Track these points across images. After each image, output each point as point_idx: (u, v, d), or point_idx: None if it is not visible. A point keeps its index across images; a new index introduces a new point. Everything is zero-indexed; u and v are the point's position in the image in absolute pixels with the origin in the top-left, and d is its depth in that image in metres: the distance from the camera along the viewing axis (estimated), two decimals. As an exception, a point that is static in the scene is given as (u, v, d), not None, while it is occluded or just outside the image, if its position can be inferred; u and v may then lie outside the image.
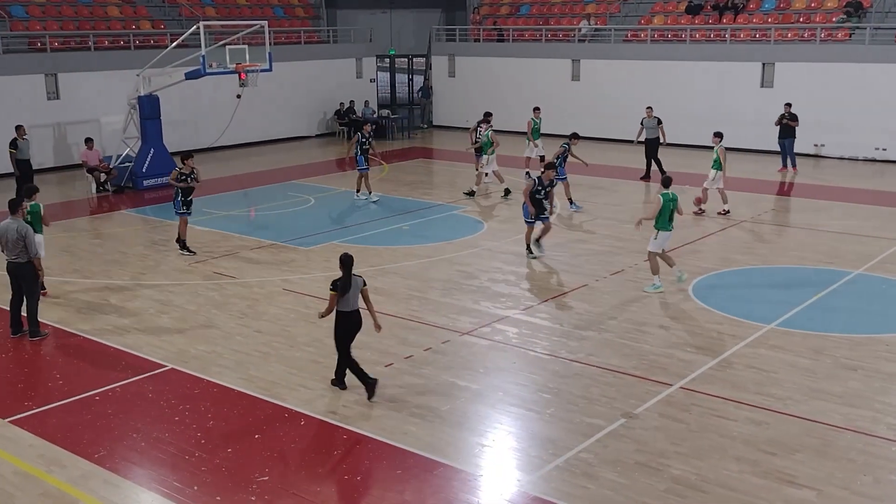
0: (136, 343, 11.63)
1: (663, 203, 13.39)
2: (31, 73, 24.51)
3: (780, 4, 28.54)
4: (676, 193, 13.66)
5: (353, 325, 9.77)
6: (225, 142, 26.92)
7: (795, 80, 25.84)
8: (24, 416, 9.52)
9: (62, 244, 16.80)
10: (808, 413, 9.36)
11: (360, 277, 9.77)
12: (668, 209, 13.42)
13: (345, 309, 9.68)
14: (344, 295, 9.60)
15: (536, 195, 14.98)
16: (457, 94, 33.52)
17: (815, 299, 13.12)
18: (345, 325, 9.74)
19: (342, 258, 9.69)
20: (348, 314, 9.71)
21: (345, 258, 9.67)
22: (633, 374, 10.44)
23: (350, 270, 9.61)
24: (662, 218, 13.45)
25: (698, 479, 8.06)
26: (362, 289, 9.74)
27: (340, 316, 9.72)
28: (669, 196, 13.45)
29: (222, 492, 7.94)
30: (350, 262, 9.64)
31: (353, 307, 9.72)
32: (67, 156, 25.16)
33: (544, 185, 15.06)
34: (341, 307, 9.68)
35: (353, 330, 9.80)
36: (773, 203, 20.14)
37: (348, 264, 9.61)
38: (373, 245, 16.46)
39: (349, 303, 9.68)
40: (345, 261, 9.64)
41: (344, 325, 9.75)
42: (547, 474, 8.20)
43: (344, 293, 9.59)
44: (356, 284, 9.66)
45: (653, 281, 13.60)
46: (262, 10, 33.02)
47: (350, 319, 9.73)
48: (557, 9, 33.57)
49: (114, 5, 29.04)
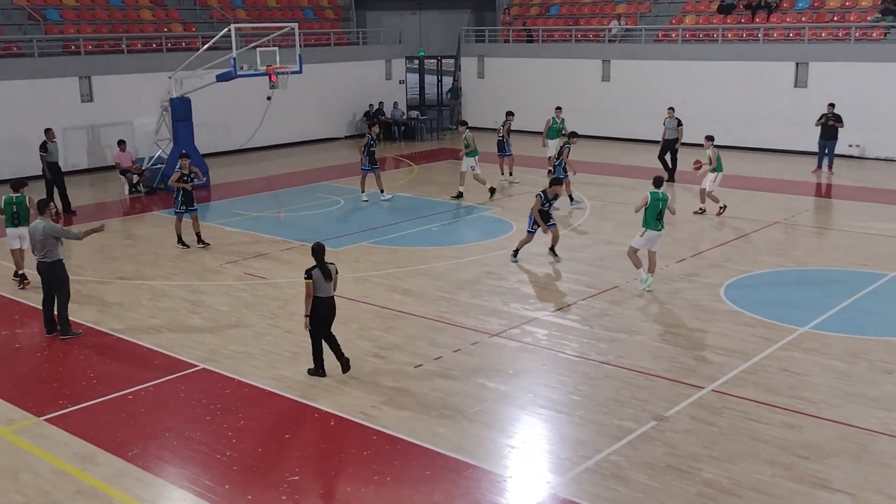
0: (169, 343, 11.74)
1: (650, 201, 13.30)
2: (65, 75, 24.85)
3: (815, 3, 28.19)
4: (667, 194, 13.58)
5: (328, 312, 10.22)
6: (255, 143, 27.11)
7: (830, 79, 25.50)
8: (59, 414, 9.65)
9: (95, 245, 16.98)
10: (842, 417, 9.24)
11: (332, 265, 10.21)
12: (654, 208, 13.30)
13: (321, 295, 10.09)
14: (328, 281, 10.06)
15: (543, 207, 15.08)
16: (486, 95, 33.48)
17: (850, 302, 12.94)
18: (322, 311, 10.15)
19: (314, 247, 10.18)
20: (324, 300, 10.13)
21: (316, 247, 10.17)
22: (664, 376, 10.37)
23: (322, 258, 10.09)
24: (649, 216, 13.35)
25: (730, 482, 7.98)
26: (335, 276, 10.20)
27: (317, 302, 10.11)
28: (658, 195, 13.34)
29: (253, 491, 8.00)
30: (322, 250, 10.14)
31: (328, 293, 10.15)
32: (100, 158, 25.47)
33: (550, 199, 15.16)
34: (318, 293, 10.06)
35: (329, 316, 10.25)
36: (807, 204, 19.89)
37: (321, 253, 10.10)
38: (402, 246, 16.49)
39: (327, 289, 10.10)
40: (317, 250, 10.14)
41: (321, 312, 10.15)
42: (577, 476, 8.16)
43: (328, 278, 10.04)
44: (328, 273, 10.12)
45: (639, 276, 13.57)
46: (293, 13, 33.22)
47: (326, 305, 10.17)
48: (587, 9, 33.43)
49: (146, 8, 29.37)
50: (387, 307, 12.98)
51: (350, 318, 12.48)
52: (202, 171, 22.64)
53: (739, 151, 26.93)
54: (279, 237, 17.27)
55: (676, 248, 16.09)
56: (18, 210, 14.22)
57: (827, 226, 18.47)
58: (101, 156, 25.49)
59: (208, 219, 19.44)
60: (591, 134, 30.08)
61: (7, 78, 23.62)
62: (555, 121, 23.10)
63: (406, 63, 34.64)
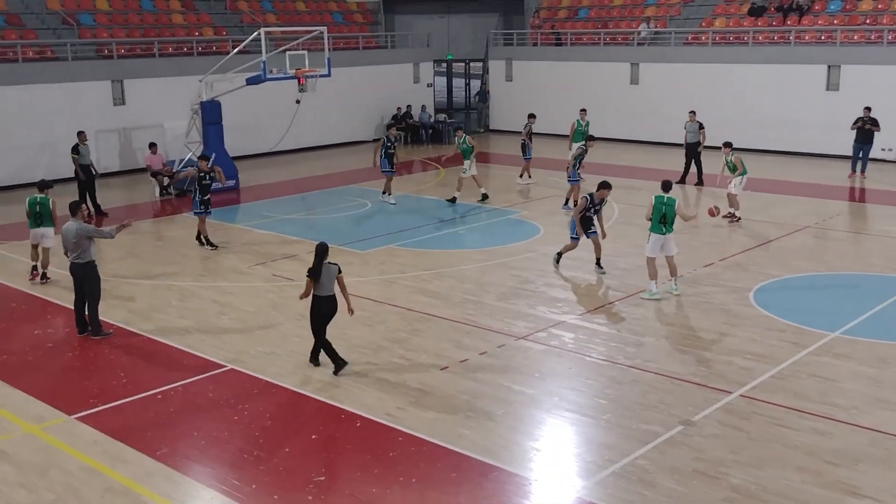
0: (197, 343, 11.85)
1: (654, 205, 13.31)
2: (98, 79, 25.19)
3: (847, 6, 27.89)
4: (674, 198, 13.41)
5: (326, 309, 10.50)
6: (284, 146, 27.30)
7: (862, 82, 25.20)
8: (89, 412, 9.78)
9: (126, 246, 17.20)
10: (873, 423, 9.12)
11: (335, 265, 10.50)
12: (658, 212, 13.25)
13: (318, 293, 10.43)
14: (317, 281, 10.33)
15: (587, 213, 14.54)
16: (514, 99, 33.44)
17: (881, 307, 12.77)
18: (317, 308, 10.48)
19: (316, 247, 10.50)
20: (320, 298, 10.45)
21: (318, 247, 10.48)
22: (692, 381, 10.29)
23: (322, 259, 10.36)
24: (653, 220, 13.33)
25: (758, 488, 7.91)
26: (337, 276, 10.45)
27: (314, 299, 10.47)
28: (663, 199, 13.29)
29: (279, 491, 8.05)
30: (322, 250, 10.41)
31: (326, 292, 10.44)
32: (132, 160, 25.77)
33: (596, 203, 14.49)
34: (316, 292, 10.43)
35: (325, 313, 10.52)
36: (839, 208, 19.65)
37: (320, 253, 10.39)
38: (429, 249, 16.52)
39: (323, 288, 10.40)
40: (317, 250, 10.45)
41: (316, 308, 10.48)
42: (603, 480, 8.13)
43: (316, 279, 10.32)
44: (330, 272, 10.40)
45: (649, 288, 13.39)
46: (322, 16, 33.43)
47: (322, 303, 10.45)
48: (616, 12, 33.30)
49: (178, 13, 29.69)
50: (413, 309, 13.01)
51: (376, 320, 12.53)
52: (231, 173, 22.93)
53: (770, 155, 26.70)
54: (307, 239, 17.36)
55: (705, 252, 15.97)
56: (41, 210, 14.54)
57: (859, 230, 18.24)
58: (132, 158, 25.79)
59: (238, 220, 19.64)
60: (619, 137, 30.02)
61: (41, 81, 23.99)
62: (579, 123, 23.00)
63: (434, 66, 34.71)
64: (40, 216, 14.57)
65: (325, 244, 10.56)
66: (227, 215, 20.15)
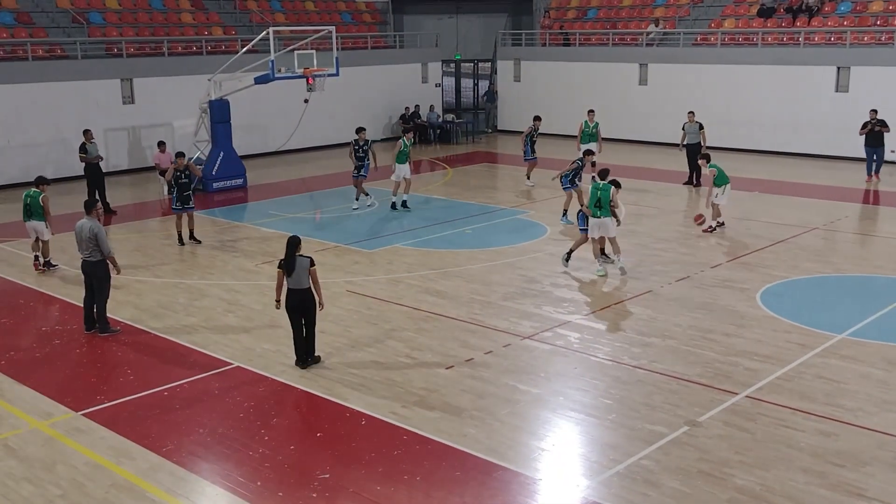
0: (204, 341, 11.89)
1: (591, 191, 14.47)
2: (107, 77, 25.28)
3: (857, 7, 27.79)
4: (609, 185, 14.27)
5: (299, 302, 10.51)
6: (292, 145, 27.37)
7: (872, 84, 25.12)
8: (96, 409, 9.82)
9: (134, 244, 17.27)
10: (879, 425, 9.09)
11: (307, 258, 10.53)
12: (594, 197, 14.30)
13: (291, 287, 10.51)
14: (290, 275, 10.41)
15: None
16: (522, 99, 33.43)
17: (889, 309, 12.72)
18: (290, 300, 10.55)
19: (288, 239, 10.57)
20: (293, 291, 10.51)
21: (289, 240, 10.55)
22: (698, 381, 10.28)
23: (293, 251, 10.43)
24: (591, 205, 14.40)
25: (763, 489, 7.89)
26: (310, 269, 10.46)
27: (288, 292, 10.58)
28: (598, 186, 14.33)
29: (284, 488, 8.07)
30: (293, 243, 10.49)
31: (298, 286, 10.48)
32: (141, 158, 25.86)
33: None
34: (289, 285, 10.51)
35: (298, 306, 10.53)
36: (847, 210, 19.58)
37: (291, 245, 10.47)
38: (436, 248, 16.53)
39: (294, 281, 10.46)
40: (289, 242, 10.52)
41: (289, 301, 10.55)
42: (607, 480, 8.12)
43: (288, 273, 10.41)
44: (301, 265, 10.41)
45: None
46: (331, 16, 33.49)
47: (295, 296, 10.51)
48: (625, 13, 33.26)
49: (187, 12, 29.79)
50: (419, 308, 13.02)
51: (382, 319, 12.55)
52: (239, 172, 23.02)
53: (779, 157, 26.64)
54: (314, 238, 17.39)
55: (712, 253, 15.95)
56: (31, 204, 14.72)
57: (866, 232, 18.18)
58: (141, 157, 25.89)
59: (245, 219, 19.69)
60: (627, 138, 29.98)
61: (51, 79, 24.10)
62: (587, 124, 22.83)
63: (442, 66, 34.72)
64: (30, 210, 14.80)
65: (297, 237, 10.62)
66: (235, 214, 20.21)
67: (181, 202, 16.76)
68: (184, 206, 16.78)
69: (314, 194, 22.69)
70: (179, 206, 16.81)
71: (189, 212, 16.91)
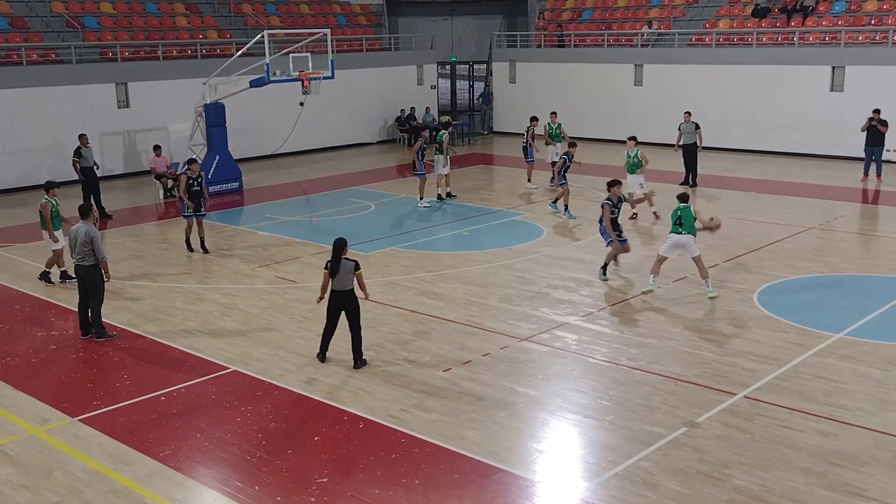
0: (201, 345, 11.86)
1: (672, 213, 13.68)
2: (102, 82, 25.24)
3: (851, 7, 27.83)
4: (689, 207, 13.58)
5: (341, 304, 10.71)
6: (288, 148, 27.34)
7: (866, 83, 25.15)
8: (92, 414, 9.78)
9: (131, 249, 17.23)
10: (878, 425, 9.08)
11: (353, 261, 10.64)
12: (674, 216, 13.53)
13: (334, 288, 10.66)
14: (334, 276, 10.54)
15: (612, 215, 14.33)
16: (517, 100, 33.45)
17: (886, 308, 12.73)
18: (332, 300, 10.73)
19: (334, 242, 10.66)
20: (337, 293, 10.68)
21: (336, 242, 10.65)
22: (696, 382, 10.27)
23: (339, 253, 10.54)
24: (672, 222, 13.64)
25: (762, 490, 7.88)
26: (355, 272, 10.62)
27: (331, 294, 10.74)
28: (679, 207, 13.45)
29: (282, 493, 8.04)
30: (340, 245, 10.60)
31: (342, 287, 10.63)
32: (136, 162, 25.82)
33: (614, 202, 14.31)
34: (333, 286, 10.66)
35: (340, 307, 10.72)
36: (843, 210, 19.59)
37: (338, 248, 10.57)
38: (433, 251, 16.51)
39: (339, 283, 10.60)
40: (335, 244, 10.62)
41: (332, 301, 10.74)
42: (606, 482, 8.11)
43: (333, 274, 10.53)
44: (346, 267, 10.56)
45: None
46: (325, 19, 33.47)
47: (337, 297, 10.69)
48: (620, 13, 33.29)
49: (182, 15, 29.75)
50: (417, 311, 13.00)
51: (380, 322, 12.52)
52: (235, 175, 23.01)
53: (774, 156, 26.67)
54: (311, 241, 17.38)
55: (709, 253, 15.92)
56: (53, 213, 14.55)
57: (864, 231, 18.19)
58: (136, 161, 25.85)
59: (241, 222, 19.66)
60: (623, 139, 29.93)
61: (46, 84, 24.05)
62: (549, 126, 23.03)
63: (438, 68, 34.72)
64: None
65: (343, 239, 10.69)
66: (231, 217, 20.17)
67: (192, 209, 16.60)
68: (195, 212, 16.64)
69: (310, 197, 22.66)
70: (191, 213, 16.61)
71: (199, 218, 16.73)
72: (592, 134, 29.82)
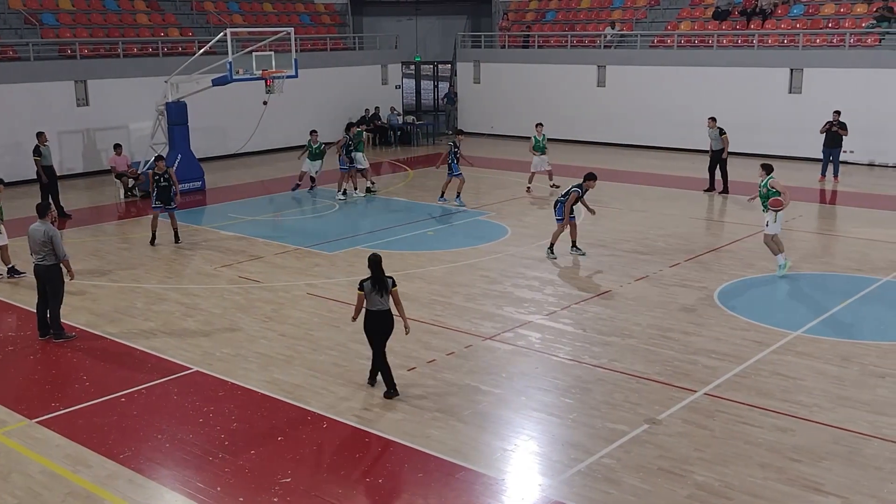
0: (162, 346, 11.73)
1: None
2: (61, 79, 24.85)
3: (809, 10, 28.30)
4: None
5: (379, 325, 9.86)
6: (251, 147, 27.11)
7: (824, 85, 25.61)
8: (51, 416, 9.63)
9: (90, 248, 17.00)
10: (835, 420, 9.26)
11: (389, 279, 9.86)
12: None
13: (370, 308, 9.81)
14: (371, 294, 9.71)
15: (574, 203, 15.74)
16: (482, 101, 33.54)
17: (843, 306, 12.97)
18: (369, 323, 9.88)
19: (370, 258, 9.85)
20: (373, 313, 9.82)
21: (372, 258, 9.83)
22: (657, 380, 10.38)
23: (377, 270, 9.74)
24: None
25: (722, 485, 7.99)
26: (391, 290, 9.81)
27: (367, 314, 9.87)
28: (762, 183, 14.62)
29: (245, 493, 7.99)
30: (377, 261, 9.80)
31: (380, 307, 9.81)
32: (96, 161, 25.46)
33: (582, 193, 15.75)
34: (368, 306, 9.81)
35: (378, 329, 9.88)
36: (802, 210, 19.91)
37: (376, 263, 9.77)
38: (397, 250, 16.48)
39: (375, 302, 9.77)
40: (372, 260, 9.80)
41: (368, 324, 9.88)
42: (569, 479, 8.16)
43: (371, 292, 9.71)
44: (384, 285, 9.75)
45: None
46: (289, 18, 33.28)
47: (374, 318, 9.82)
48: (583, 15, 33.52)
49: (142, 13, 29.41)
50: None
51: (344, 322, 12.46)
52: (197, 174, 22.79)
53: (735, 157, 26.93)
54: (274, 241, 17.27)
55: (670, 252, 16.12)
56: None
57: (820, 231, 18.51)
58: (96, 160, 25.48)
59: (204, 222, 19.47)
60: (585, 139, 30.21)
61: (3, 82, 23.62)
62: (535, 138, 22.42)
63: (402, 68, 34.69)
64: None
65: (378, 255, 9.86)
66: (194, 217, 19.97)
67: (161, 201, 16.78)
68: (165, 205, 16.80)
69: (273, 196, 22.52)
70: (160, 205, 16.82)
71: (171, 212, 16.96)
72: (555, 134, 29.82)
